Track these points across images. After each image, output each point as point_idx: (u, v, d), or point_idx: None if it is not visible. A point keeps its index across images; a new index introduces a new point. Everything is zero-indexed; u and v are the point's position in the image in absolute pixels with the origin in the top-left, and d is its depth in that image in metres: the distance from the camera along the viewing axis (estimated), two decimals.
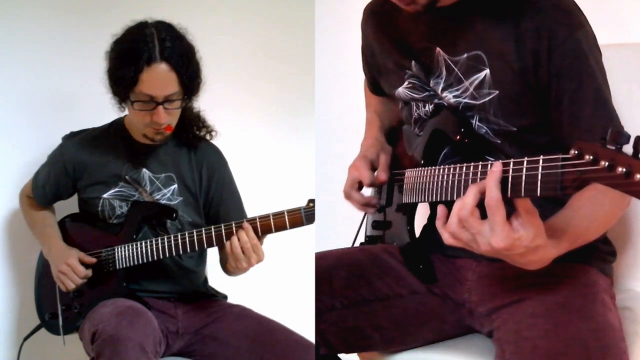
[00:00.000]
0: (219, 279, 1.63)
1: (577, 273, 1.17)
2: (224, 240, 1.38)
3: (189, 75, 1.40)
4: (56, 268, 1.50)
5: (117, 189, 1.52)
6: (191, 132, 1.55)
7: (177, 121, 1.48)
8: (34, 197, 1.63)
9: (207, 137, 1.59)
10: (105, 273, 1.50)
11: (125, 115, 1.55)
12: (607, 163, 0.74)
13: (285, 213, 1.35)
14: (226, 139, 1.63)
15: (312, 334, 1.24)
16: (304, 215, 1.34)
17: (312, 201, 1.36)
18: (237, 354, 1.45)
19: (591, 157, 0.77)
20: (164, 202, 1.53)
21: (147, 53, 1.35)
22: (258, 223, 1.37)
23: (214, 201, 1.58)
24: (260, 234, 1.37)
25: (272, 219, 1.36)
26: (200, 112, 1.58)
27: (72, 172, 1.55)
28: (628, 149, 0.74)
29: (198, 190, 1.55)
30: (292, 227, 1.36)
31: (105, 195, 1.52)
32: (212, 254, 1.64)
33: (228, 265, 1.42)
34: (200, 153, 1.57)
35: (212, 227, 1.39)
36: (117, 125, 1.57)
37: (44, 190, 1.60)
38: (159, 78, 1.36)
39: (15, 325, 1.82)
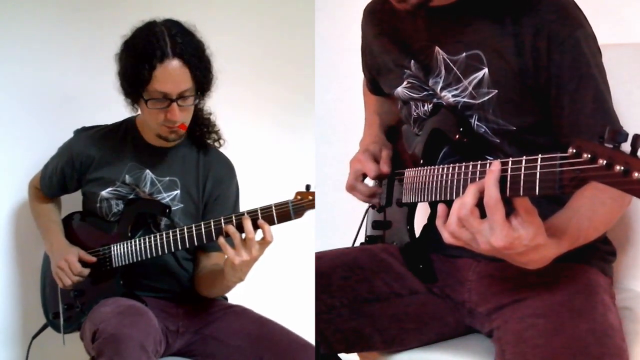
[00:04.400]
0: None
1: (577, 273, 1.17)
2: (214, 237, 1.35)
3: (202, 71, 1.41)
4: (55, 264, 1.51)
5: (114, 188, 1.52)
6: (201, 132, 1.54)
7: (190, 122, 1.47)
8: (41, 188, 1.64)
9: (216, 144, 1.59)
10: (104, 272, 1.50)
11: (138, 115, 1.55)
12: (605, 161, 0.74)
13: (273, 207, 1.31)
14: (225, 139, 1.62)
15: (312, 334, 1.23)
16: (291, 209, 1.31)
17: (299, 193, 1.32)
18: (238, 353, 1.44)
19: (589, 156, 0.77)
20: None
21: (160, 50, 1.35)
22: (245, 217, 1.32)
23: (206, 209, 1.56)
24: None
25: (259, 214, 1.31)
26: (211, 116, 1.57)
27: (79, 166, 1.55)
28: (626, 147, 0.74)
29: (200, 199, 1.55)
30: (280, 221, 1.31)
31: (103, 193, 1.52)
32: None
33: (226, 267, 1.38)
34: (209, 163, 1.56)
35: (202, 223, 1.37)
36: (128, 124, 1.58)
37: (50, 181, 1.61)
38: (172, 74, 1.36)
39: (22, 324, 1.83)
